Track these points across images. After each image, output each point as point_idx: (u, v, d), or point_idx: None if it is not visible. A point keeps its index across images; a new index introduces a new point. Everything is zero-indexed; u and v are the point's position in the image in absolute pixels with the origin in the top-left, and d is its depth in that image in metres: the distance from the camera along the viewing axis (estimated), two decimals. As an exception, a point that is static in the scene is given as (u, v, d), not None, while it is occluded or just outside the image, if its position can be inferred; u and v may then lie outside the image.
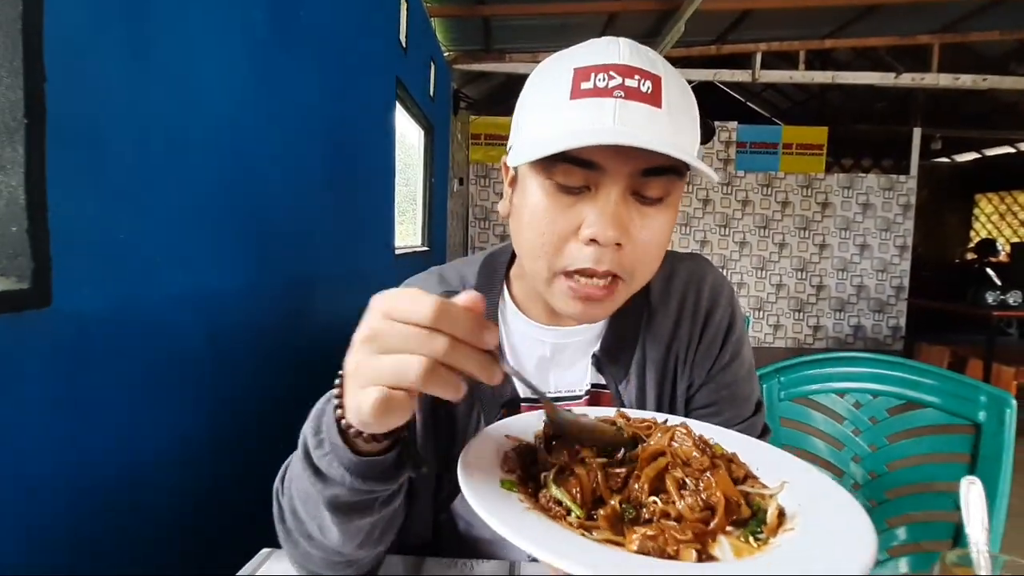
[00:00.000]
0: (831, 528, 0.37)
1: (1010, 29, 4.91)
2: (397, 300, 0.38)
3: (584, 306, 0.55)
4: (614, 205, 0.51)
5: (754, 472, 0.45)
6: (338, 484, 0.44)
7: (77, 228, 0.79)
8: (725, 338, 0.67)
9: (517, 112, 0.58)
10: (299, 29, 1.60)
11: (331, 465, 0.44)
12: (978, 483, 0.41)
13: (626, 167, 0.51)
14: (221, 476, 1.17)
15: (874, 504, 1.02)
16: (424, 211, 4.26)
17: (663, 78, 0.51)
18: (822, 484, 0.43)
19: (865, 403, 1.05)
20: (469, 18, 4.45)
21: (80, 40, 0.78)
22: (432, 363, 0.36)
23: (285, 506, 0.52)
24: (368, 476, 0.44)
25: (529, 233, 0.55)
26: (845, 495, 0.40)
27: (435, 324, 0.36)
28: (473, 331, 0.38)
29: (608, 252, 0.52)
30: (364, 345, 0.38)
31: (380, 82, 2.61)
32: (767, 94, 8.73)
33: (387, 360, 0.37)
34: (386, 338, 0.37)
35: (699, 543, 0.35)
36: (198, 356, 1.11)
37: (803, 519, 0.38)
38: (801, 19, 4.91)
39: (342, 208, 2.07)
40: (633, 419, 0.52)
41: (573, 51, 0.54)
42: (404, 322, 0.37)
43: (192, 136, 1.08)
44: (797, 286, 6.51)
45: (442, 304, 0.37)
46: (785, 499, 0.41)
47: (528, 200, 0.55)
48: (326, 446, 0.44)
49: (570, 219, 0.52)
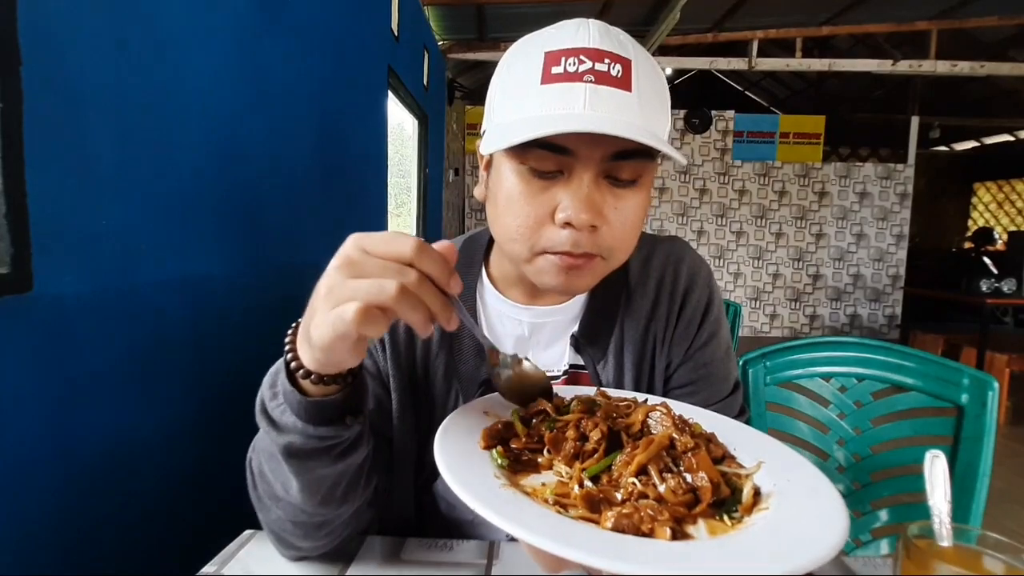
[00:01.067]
0: (805, 508, 0.37)
1: (1008, 14, 4.88)
2: (376, 236, 0.41)
3: (567, 276, 0.56)
4: (587, 189, 0.52)
5: (731, 452, 0.46)
6: (291, 430, 0.46)
7: (58, 213, 0.78)
8: (703, 318, 0.68)
9: (489, 96, 0.59)
10: (288, 17, 1.58)
11: (284, 413, 0.47)
12: (942, 456, 0.42)
13: (597, 151, 0.51)
14: (206, 462, 1.18)
15: (858, 487, 1.03)
16: (419, 201, 4.25)
17: (633, 61, 0.51)
18: (797, 464, 0.43)
19: (850, 387, 1.05)
20: (462, 6, 4.41)
21: (59, 23, 0.78)
22: (405, 287, 0.39)
23: (255, 470, 0.54)
24: (318, 420, 0.46)
25: (506, 217, 0.55)
26: (819, 475, 0.41)
27: (411, 259, 0.40)
28: (442, 273, 0.41)
29: (584, 235, 0.53)
30: (339, 271, 0.40)
31: (372, 71, 2.59)
32: (765, 83, 8.69)
33: (364, 281, 0.39)
34: (362, 265, 0.40)
35: (675, 523, 0.36)
36: (183, 342, 1.11)
37: (778, 499, 0.39)
38: (798, 6, 4.87)
39: (333, 197, 2.06)
40: (613, 397, 0.53)
41: (543, 33, 0.54)
42: (382, 256, 0.40)
43: (178, 122, 1.07)
44: (794, 276, 6.52)
45: (420, 243, 0.40)
46: (761, 479, 0.41)
47: (503, 185, 0.55)
48: (280, 396, 0.47)
49: (545, 203, 0.53)
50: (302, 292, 1.54)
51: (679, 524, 0.36)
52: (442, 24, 4.84)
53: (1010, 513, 2.36)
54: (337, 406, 0.47)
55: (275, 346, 0.50)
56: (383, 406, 0.64)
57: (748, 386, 1.08)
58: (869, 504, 1.02)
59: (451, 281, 0.42)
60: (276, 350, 0.49)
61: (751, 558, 0.32)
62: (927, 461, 0.42)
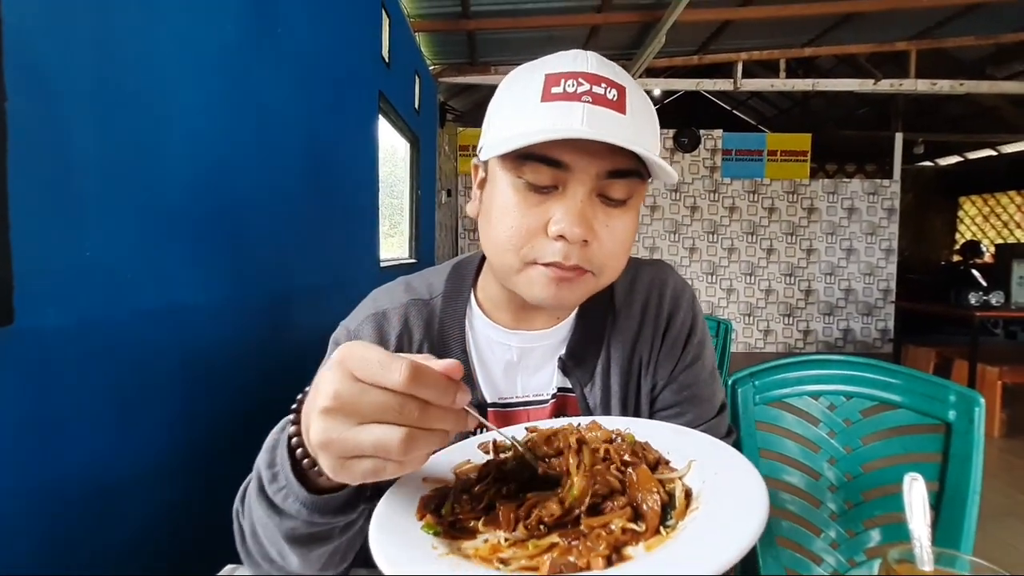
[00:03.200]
0: (729, 502, 0.38)
1: (985, 34, 5.02)
2: (366, 362, 0.36)
3: (556, 289, 0.56)
4: (580, 204, 0.53)
5: (665, 456, 0.46)
6: (294, 518, 0.45)
7: (42, 245, 0.78)
8: (687, 340, 0.68)
9: (488, 114, 0.61)
10: (278, 45, 1.61)
11: (286, 500, 0.44)
12: (920, 479, 0.42)
13: (592, 167, 0.53)
14: (190, 494, 1.16)
15: (850, 506, 1.02)
16: (411, 223, 4.27)
17: (627, 88, 0.54)
18: (722, 455, 0.44)
19: (839, 405, 1.05)
20: (453, 32, 4.50)
21: (45, 59, 0.79)
22: (411, 432, 0.36)
23: (246, 528, 0.52)
24: (326, 511, 0.44)
25: (499, 228, 0.56)
26: (743, 462, 0.41)
27: (408, 390, 0.36)
28: (448, 395, 0.37)
29: (575, 248, 0.54)
30: (331, 415, 0.36)
31: (362, 96, 2.63)
32: (751, 102, 8.86)
33: (364, 435, 0.36)
34: (358, 407, 0.36)
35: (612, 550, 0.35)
36: (170, 373, 1.10)
37: (707, 496, 0.39)
38: (780, 28, 5.00)
39: (324, 221, 2.07)
40: (541, 429, 0.52)
41: (544, 60, 0.57)
42: (375, 384, 0.36)
43: (166, 150, 1.08)
44: (786, 291, 6.56)
45: (414, 370, 0.36)
46: (691, 478, 0.42)
47: (498, 198, 0.57)
48: (281, 480, 0.44)
49: (539, 215, 0.55)
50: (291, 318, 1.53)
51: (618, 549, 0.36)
52: (433, 49, 4.93)
53: (1007, 526, 2.35)
54: (347, 496, 0.45)
55: (261, 375, 0.49)
56: None
57: (738, 406, 1.08)
58: (862, 524, 1.01)
59: (457, 398, 0.38)
60: (262, 380, 0.48)
61: (679, 566, 0.32)
62: (905, 484, 0.43)
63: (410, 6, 4.03)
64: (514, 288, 0.59)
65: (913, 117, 6.98)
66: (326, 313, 1.98)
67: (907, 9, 4.48)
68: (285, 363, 1.55)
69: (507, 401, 0.68)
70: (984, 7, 4.52)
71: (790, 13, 4.46)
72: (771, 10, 4.44)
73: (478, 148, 0.61)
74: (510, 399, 0.68)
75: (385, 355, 0.36)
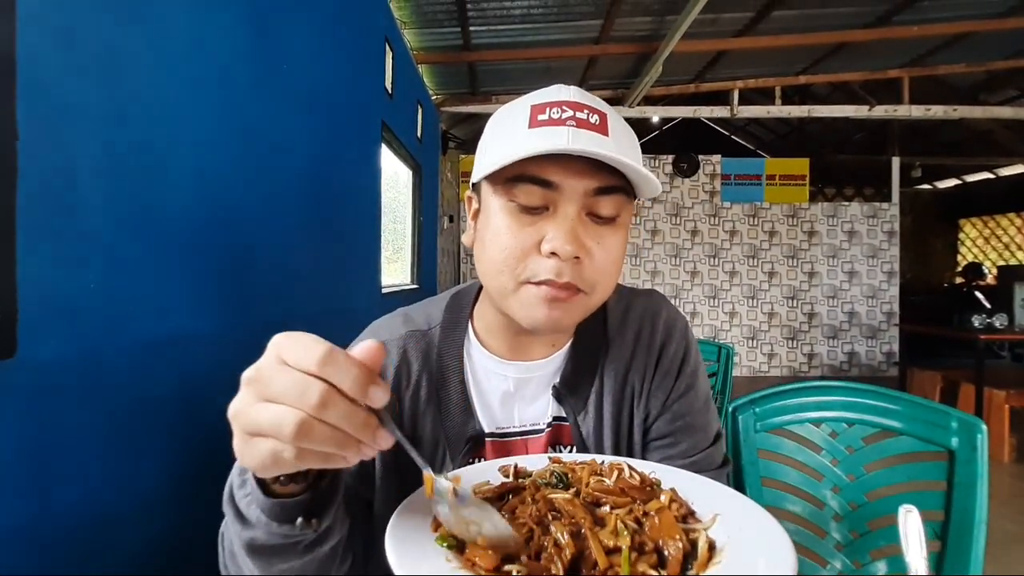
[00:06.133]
0: (754, 561, 0.37)
1: (975, 62, 5.12)
2: (294, 342, 0.37)
3: (549, 309, 0.57)
4: (571, 222, 0.56)
5: (691, 507, 0.46)
6: (254, 526, 0.45)
7: (46, 278, 0.80)
8: (680, 369, 0.68)
9: (480, 146, 0.63)
10: (284, 77, 1.66)
11: (250, 507, 0.45)
12: (914, 511, 0.42)
13: (580, 186, 0.56)
14: (192, 525, 1.15)
15: (856, 536, 1.01)
16: (413, 249, 4.31)
17: (608, 114, 0.58)
18: (749, 512, 0.43)
19: (841, 432, 1.05)
20: (455, 64, 4.62)
21: (55, 96, 0.81)
22: (306, 419, 0.35)
23: (225, 549, 0.53)
24: (281, 519, 0.45)
25: (492, 250, 0.58)
26: (770, 521, 0.41)
27: (318, 371, 0.36)
28: (358, 383, 0.37)
29: (567, 265, 0.56)
30: (248, 386, 0.38)
31: (365, 126, 2.68)
32: (749, 128, 8.99)
33: (265, 411, 0.36)
34: (268, 382, 0.37)
35: None
36: (170, 403, 1.10)
37: (731, 551, 0.39)
38: (775, 57, 5.11)
39: (326, 249, 2.09)
40: (567, 462, 0.53)
41: (529, 95, 0.61)
42: (292, 366, 0.37)
43: (172, 181, 1.10)
44: (789, 314, 6.54)
45: (331, 351, 0.36)
46: (716, 531, 0.41)
47: (491, 222, 0.59)
48: (248, 487, 0.45)
49: (531, 235, 0.57)
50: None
51: None
52: (435, 79, 5.05)
53: (1018, 554, 2.28)
54: (302, 506, 0.45)
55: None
56: (365, 469, 0.64)
57: (739, 433, 1.07)
58: (868, 554, 0.99)
59: (369, 392, 0.37)
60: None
61: None
62: (900, 516, 0.42)
63: (413, 40, 4.14)
64: (509, 311, 0.60)
65: (909, 141, 7.07)
66: (328, 340, 1.98)
67: (897, 39, 4.58)
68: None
69: (505, 431, 0.68)
70: (973, 36, 4.62)
71: (783, 43, 4.57)
72: (765, 40, 4.55)
73: (471, 182, 0.64)
74: (508, 428, 0.68)
75: (316, 340, 0.37)
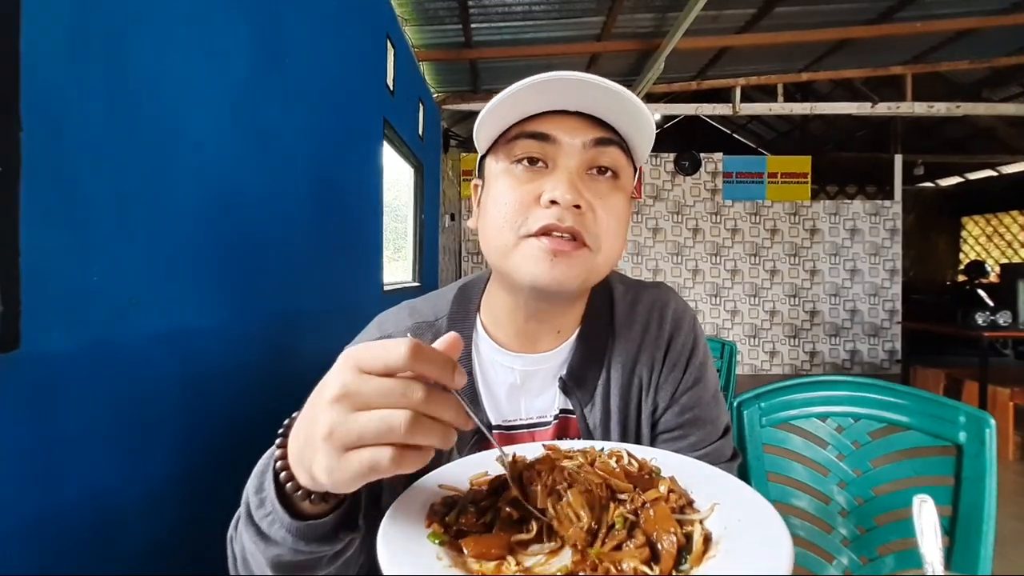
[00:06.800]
0: (750, 553, 0.36)
1: (978, 58, 5.10)
2: (368, 351, 0.37)
3: (552, 264, 0.56)
4: (569, 173, 0.57)
5: (691, 496, 0.45)
6: (280, 545, 0.44)
7: (49, 271, 0.79)
8: (688, 361, 0.68)
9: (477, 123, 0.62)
10: (285, 75, 1.65)
11: (272, 526, 0.44)
12: (929, 501, 0.41)
13: (578, 137, 0.57)
14: (197, 518, 1.15)
15: (863, 531, 1.00)
16: (415, 247, 4.30)
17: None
18: (749, 502, 0.42)
19: (847, 427, 1.04)
20: (456, 61, 4.60)
21: (58, 91, 0.81)
22: (416, 415, 0.36)
23: (237, 555, 0.51)
24: (310, 539, 0.44)
25: (493, 210, 0.59)
26: (769, 511, 0.40)
27: (411, 367, 0.36)
28: (447, 371, 0.38)
29: (568, 212, 0.55)
30: (337, 404, 0.36)
31: (367, 124, 2.68)
32: (751, 125, 8.97)
33: (367, 418, 0.36)
34: (361, 394, 0.36)
35: None
36: (173, 397, 1.10)
37: (727, 544, 0.38)
38: (777, 54, 5.09)
39: (328, 246, 2.09)
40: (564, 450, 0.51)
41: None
42: (379, 374, 0.36)
43: (173, 175, 1.10)
44: (791, 312, 6.52)
45: (416, 345, 0.36)
46: (712, 522, 0.40)
47: (492, 188, 0.60)
48: (267, 506, 0.44)
49: (531, 190, 0.57)
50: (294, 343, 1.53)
51: None
52: (437, 77, 5.04)
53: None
54: (332, 523, 0.45)
55: (264, 400, 0.49)
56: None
57: (744, 428, 1.07)
58: (876, 550, 0.99)
59: (455, 376, 0.38)
60: (265, 404, 0.48)
61: None
62: (915, 507, 0.42)
63: (415, 37, 4.13)
64: (511, 270, 0.59)
65: (912, 138, 7.05)
66: (329, 337, 1.98)
67: (900, 35, 4.57)
68: (288, 387, 1.55)
69: (511, 424, 0.67)
70: (976, 32, 4.60)
71: (786, 40, 4.55)
72: (767, 37, 4.53)
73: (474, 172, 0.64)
74: (514, 421, 0.67)
75: (390, 342, 0.37)
